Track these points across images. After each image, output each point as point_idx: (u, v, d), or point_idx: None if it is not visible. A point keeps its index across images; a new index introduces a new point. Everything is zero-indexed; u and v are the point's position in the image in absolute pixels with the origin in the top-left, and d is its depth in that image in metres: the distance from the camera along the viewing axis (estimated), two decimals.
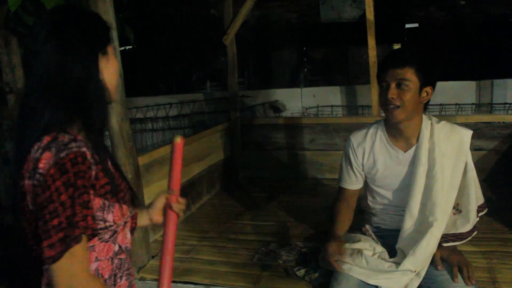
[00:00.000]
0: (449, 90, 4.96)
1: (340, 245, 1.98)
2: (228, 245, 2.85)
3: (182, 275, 2.44)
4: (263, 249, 2.72)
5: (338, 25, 7.87)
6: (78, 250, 1.04)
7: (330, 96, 5.66)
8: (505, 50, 6.65)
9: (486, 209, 2.10)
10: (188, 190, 3.47)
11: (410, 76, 1.87)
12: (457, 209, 2.00)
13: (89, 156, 1.09)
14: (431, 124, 2.01)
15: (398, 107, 1.90)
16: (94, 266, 1.19)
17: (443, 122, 2.03)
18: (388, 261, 1.99)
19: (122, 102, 2.40)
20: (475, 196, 1.99)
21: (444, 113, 4.88)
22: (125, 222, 1.26)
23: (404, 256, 1.93)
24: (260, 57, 8.58)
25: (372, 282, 1.91)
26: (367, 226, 2.24)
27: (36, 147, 1.07)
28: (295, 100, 5.92)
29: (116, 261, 1.25)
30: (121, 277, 1.28)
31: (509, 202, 3.27)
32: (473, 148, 3.86)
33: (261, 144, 4.42)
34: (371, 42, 3.96)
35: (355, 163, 2.16)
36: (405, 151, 2.04)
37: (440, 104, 4.99)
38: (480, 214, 2.05)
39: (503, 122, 3.85)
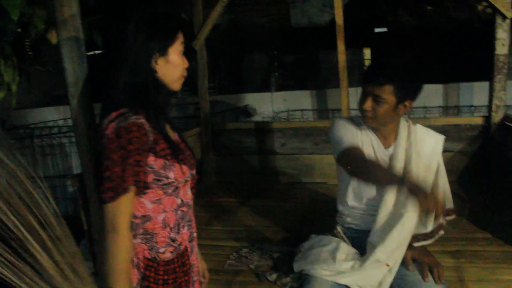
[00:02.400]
0: None
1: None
2: (199, 251, 2.82)
3: None
4: (234, 254, 2.70)
5: (309, 30, 7.93)
6: (124, 200, 1.34)
7: (301, 100, 5.69)
8: (471, 54, 6.81)
9: (454, 215, 2.12)
10: None
11: (388, 94, 1.91)
12: None
13: (146, 126, 1.36)
14: (408, 126, 2.10)
15: (371, 117, 1.98)
16: (161, 216, 1.48)
17: (418, 125, 2.12)
18: (359, 259, 2.01)
19: (88, 107, 2.35)
20: (444, 196, 2.03)
21: (412, 116, 4.95)
22: (186, 181, 1.52)
23: (375, 248, 1.95)
24: (232, 61, 8.57)
25: (345, 281, 1.92)
26: (339, 228, 2.24)
27: (106, 121, 1.37)
28: (266, 105, 5.93)
29: (179, 212, 1.52)
30: (183, 226, 1.55)
31: (477, 203, 3.34)
32: (442, 150, 3.97)
33: (232, 149, 4.40)
34: (341, 46, 3.98)
35: (350, 129, 2.09)
36: (386, 147, 2.10)
37: None
38: (447, 218, 2.08)
39: (469, 124, 3.92)
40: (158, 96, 1.45)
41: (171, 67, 1.46)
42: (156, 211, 1.47)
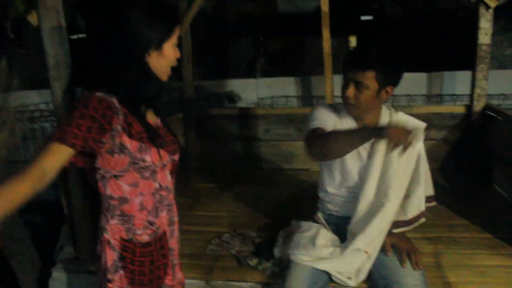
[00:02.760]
0: (401, 81, 5.04)
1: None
2: (181, 236, 2.79)
3: None
4: (216, 240, 2.71)
5: (295, 16, 7.90)
6: (57, 147, 1.29)
7: (286, 87, 5.68)
8: (455, 44, 6.84)
9: (434, 202, 2.16)
10: None
11: (370, 80, 1.90)
12: (407, 195, 2.05)
13: (115, 104, 1.37)
14: (390, 114, 2.11)
15: (353, 104, 1.97)
16: (139, 199, 1.49)
17: (400, 113, 2.12)
18: (339, 246, 2.03)
19: (70, 91, 2.32)
20: (424, 185, 2.05)
21: (396, 104, 4.98)
22: (164, 165, 1.52)
23: (355, 237, 1.97)
24: (217, 47, 8.51)
25: (325, 267, 1.95)
26: (319, 214, 2.26)
27: (80, 95, 1.41)
28: (250, 91, 5.91)
29: (157, 196, 1.53)
30: (162, 210, 1.56)
31: (458, 190, 3.39)
32: (424, 138, 4.01)
33: (215, 134, 4.39)
34: (326, 33, 3.99)
35: (328, 114, 2.11)
36: None
37: (392, 95, 5.07)
38: (427, 205, 2.10)
39: (451, 113, 3.96)
40: (147, 87, 1.46)
41: (164, 60, 1.47)
42: (133, 194, 1.48)
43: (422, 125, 2.07)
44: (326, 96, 4.09)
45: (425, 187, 2.06)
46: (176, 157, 1.60)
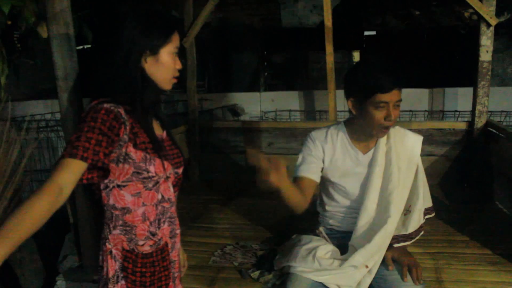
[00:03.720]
0: (404, 97, 5.08)
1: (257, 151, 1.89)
2: (184, 248, 2.80)
3: None
4: (218, 251, 2.73)
5: (299, 30, 7.95)
6: (70, 163, 1.28)
7: (289, 101, 5.71)
8: (456, 60, 6.90)
9: (433, 213, 2.19)
10: None
11: (401, 94, 1.93)
12: (407, 210, 2.07)
13: (122, 115, 1.37)
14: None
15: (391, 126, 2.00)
16: (141, 210, 1.49)
17: (397, 127, 2.13)
18: (339, 258, 2.03)
19: (77, 102, 2.35)
20: (423, 198, 2.08)
21: (399, 119, 5.00)
22: (167, 177, 1.53)
23: (355, 252, 1.99)
24: (221, 60, 8.57)
25: (324, 280, 1.94)
26: (321, 228, 2.28)
27: (87, 107, 1.40)
28: (254, 104, 5.95)
29: (159, 208, 1.53)
30: (164, 222, 1.56)
31: (459, 206, 3.40)
32: (425, 154, 4.04)
33: (219, 147, 4.42)
34: (329, 48, 4.02)
35: (315, 153, 2.13)
36: (364, 153, 2.11)
37: None
38: (426, 217, 2.14)
39: (453, 129, 3.99)
40: (145, 93, 1.46)
41: (161, 67, 1.47)
42: (135, 204, 1.49)
43: (419, 138, 2.13)
44: (329, 111, 4.12)
45: (424, 199, 2.10)
46: (180, 170, 1.61)
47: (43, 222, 1.21)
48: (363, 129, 2.05)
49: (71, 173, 1.29)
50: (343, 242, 2.13)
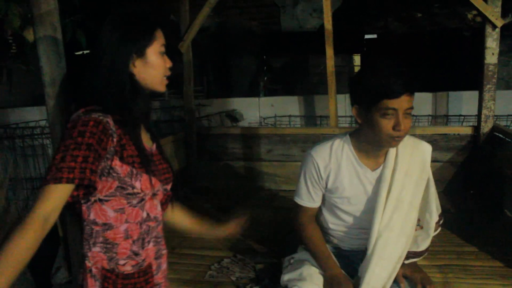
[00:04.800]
0: None
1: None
2: (180, 261, 2.73)
3: None
4: (216, 265, 2.62)
5: (298, 34, 7.89)
6: (54, 189, 1.20)
7: (289, 106, 5.63)
8: (460, 63, 6.80)
9: (442, 220, 2.06)
10: None
11: (413, 101, 1.71)
12: (418, 224, 1.95)
13: (111, 126, 1.29)
14: None
15: (403, 137, 1.77)
16: (124, 227, 1.39)
17: (406, 138, 1.86)
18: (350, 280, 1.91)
19: (65, 109, 2.25)
20: (436, 212, 1.95)
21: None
22: (154, 194, 1.44)
23: (365, 278, 1.86)
24: (220, 64, 8.50)
25: None
26: (327, 246, 2.13)
27: (73, 116, 1.32)
28: (253, 110, 5.87)
29: (144, 226, 1.43)
30: (148, 241, 1.46)
31: (466, 214, 3.29)
32: (430, 160, 3.93)
33: (217, 154, 4.32)
34: (329, 52, 3.93)
35: (318, 179, 1.97)
36: (373, 170, 1.91)
37: None
38: (436, 233, 2.02)
39: (458, 134, 3.88)
40: (136, 101, 1.39)
41: (151, 68, 1.40)
42: (118, 220, 1.39)
43: (428, 148, 1.94)
44: (330, 116, 4.02)
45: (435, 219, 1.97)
46: (169, 186, 1.53)
47: (30, 257, 1.17)
48: (370, 141, 1.83)
49: (56, 200, 1.21)
50: (351, 261, 2.01)
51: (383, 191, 1.87)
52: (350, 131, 1.98)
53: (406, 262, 1.93)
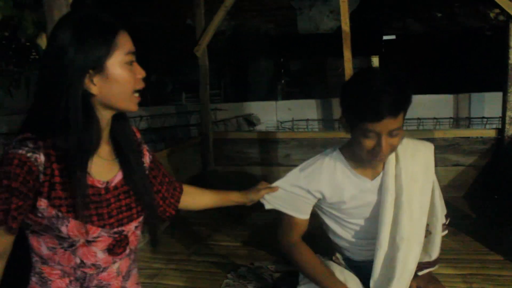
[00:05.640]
0: (427, 104, 4.92)
1: None
2: (196, 269, 2.70)
3: None
4: (232, 273, 2.57)
5: (315, 36, 7.84)
6: None
7: (306, 110, 5.59)
8: (482, 63, 6.67)
9: (446, 231, 1.95)
10: None
11: (401, 121, 1.58)
12: (427, 230, 1.84)
13: (40, 162, 1.08)
14: None
15: (387, 156, 1.67)
16: (59, 267, 1.19)
17: (405, 141, 1.78)
18: None
19: None
20: (442, 213, 1.86)
21: (422, 127, 4.82)
22: (90, 241, 1.18)
23: None
24: (236, 68, 8.49)
25: None
26: (338, 255, 2.05)
27: (12, 140, 1.10)
28: (270, 114, 5.84)
29: (79, 273, 1.21)
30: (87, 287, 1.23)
31: (489, 220, 3.19)
32: (451, 164, 3.85)
33: (233, 159, 4.29)
34: (347, 54, 3.87)
35: (306, 197, 1.86)
36: (372, 179, 1.79)
37: (418, 118, 4.94)
38: (443, 233, 1.91)
39: (481, 137, 3.78)
40: (88, 130, 1.13)
41: (114, 84, 1.15)
42: (51, 259, 1.19)
43: (430, 147, 1.83)
44: None
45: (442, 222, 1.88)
46: (128, 227, 1.26)
47: None
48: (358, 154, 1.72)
49: None
50: (362, 272, 1.93)
51: (387, 200, 1.76)
52: (339, 146, 1.86)
53: (420, 273, 1.84)
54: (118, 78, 1.15)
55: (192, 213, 3.66)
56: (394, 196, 1.76)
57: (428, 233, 1.84)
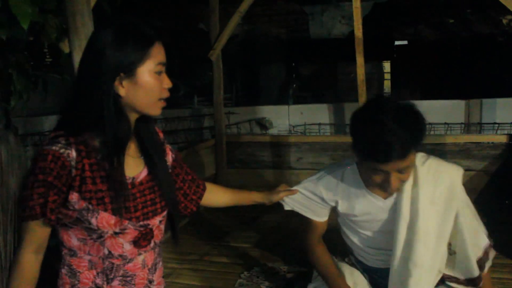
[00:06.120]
0: (438, 109, 4.94)
1: None
2: (210, 269, 2.75)
3: None
4: (245, 273, 2.63)
5: (327, 41, 7.87)
6: (29, 225, 1.19)
7: (318, 114, 5.62)
8: (494, 69, 6.67)
9: (495, 252, 1.86)
10: None
11: (412, 159, 1.56)
12: (449, 249, 1.76)
13: (71, 158, 1.17)
14: (415, 167, 1.70)
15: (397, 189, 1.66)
16: (87, 257, 1.27)
17: (428, 162, 1.72)
18: None
19: None
20: (473, 242, 1.74)
21: (433, 132, 4.83)
22: (117, 233, 1.25)
23: None
24: (249, 72, 8.54)
25: None
26: (351, 257, 2.06)
27: (47, 138, 1.22)
28: (283, 118, 5.88)
29: (107, 263, 1.28)
30: (112, 278, 1.30)
31: (500, 225, 3.20)
32: (462, 169, 3.85)
33: (246, 162, 4.35)
34: (360, 59, 3.91)
35: (322, 203, 1.88)
36: (385, 198, 1.75)
37: (429, 123, 4.94)
38: (491, 257, 1.81)
39: (492, 142, 3.80)
40: (117, 127, 1.21)
41: (141, 90, 1.21)
42: (81, 250, 1.27)
43: (459, 172, 1.72)
44: None
45: (475, 246, 1.75)
46: (153, 221, 1.33)
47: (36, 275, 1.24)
48: None
49: (30, 235, 1.22)
50: (378, 277, 1.94)
51: (400, 224, 1.72)
52: (357, 160, 1.79)
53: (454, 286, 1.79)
54: (145, 85, 1.21)
55: (204, 215, 3.73)
56: (407, 220, 1.71)
57: (453, 252, 1.76)
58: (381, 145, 1.48)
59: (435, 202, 1.69)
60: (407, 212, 1.70)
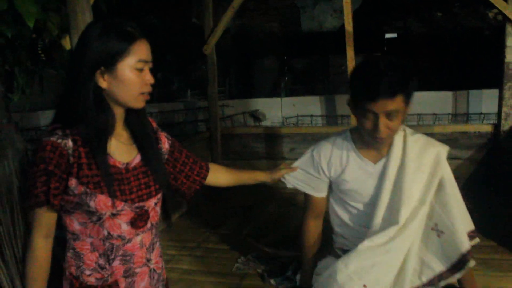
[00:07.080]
0: (427, 100, 5.04)
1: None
2: (208, 255, 2.86)
3: None
4: (242, 258, 2.73)
5: (319, 35, 7.94)
6: (37, 212, 1.29)
7: (310, 106, 5.70)
8: (480, 62, 6.78)
9: (478, 239, 1.91)
10: None
11: (400, 104, 1.63)
12: (437, 229, 1.80)
13: (68, 147, 1.26)
14: (405, 135, 1.84)
15: (386, 138, 1.72)
16: (89, 240, 1.36)
17: (418, 135, 1.85)
18: None
19: None
20: (460, 217, 1.79)
21: (422, 123, 4.95)
22: (115, 214, 1.34)
23: None
24: (242, 66, 8.59)
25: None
26: (337, 250, 2.07)
27: (45, 132, 1.31)
28: (275, 110, 5.95)
29: (107, 244, 1.37)
30: (113, 259, 1.39)
31: (485, 210, 3.32)
32: (450, 157, 3.94)
33: (240, 153, 4.43)
34: (350, 53, 3.98)
35: (319, 176, 1.96)
36: (375, 163, 1.85)
37: (418, 114, 5.06)
38: (472, 243, 1.83)
39: (478, 132, 3.92)
40: (98, 116, 1.30)
41: (121, 84, 1.30)
42: (83, 233, 1.36)
43: (444, 148, 1.83)
44: (351, 116, 4.09)
45: (463, 220, 1.81)
46: (148, 203, 1.42)
47: (49, 260, 1.37)
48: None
49: (40, 222, 1.32)
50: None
51: (385, 186, 1.80)
52: (350, 127, 1.97)
53: (443, 283, 1.80)
54: (125, 80, 1.30)
55: (195, 207, 3.82)
56: (392, 181, 1.79)
57: (440, 231, 1.79)
58: (371, 83, 1.62)
59: (421, 169, 1.79)
60: (393, 175, 1.79)
